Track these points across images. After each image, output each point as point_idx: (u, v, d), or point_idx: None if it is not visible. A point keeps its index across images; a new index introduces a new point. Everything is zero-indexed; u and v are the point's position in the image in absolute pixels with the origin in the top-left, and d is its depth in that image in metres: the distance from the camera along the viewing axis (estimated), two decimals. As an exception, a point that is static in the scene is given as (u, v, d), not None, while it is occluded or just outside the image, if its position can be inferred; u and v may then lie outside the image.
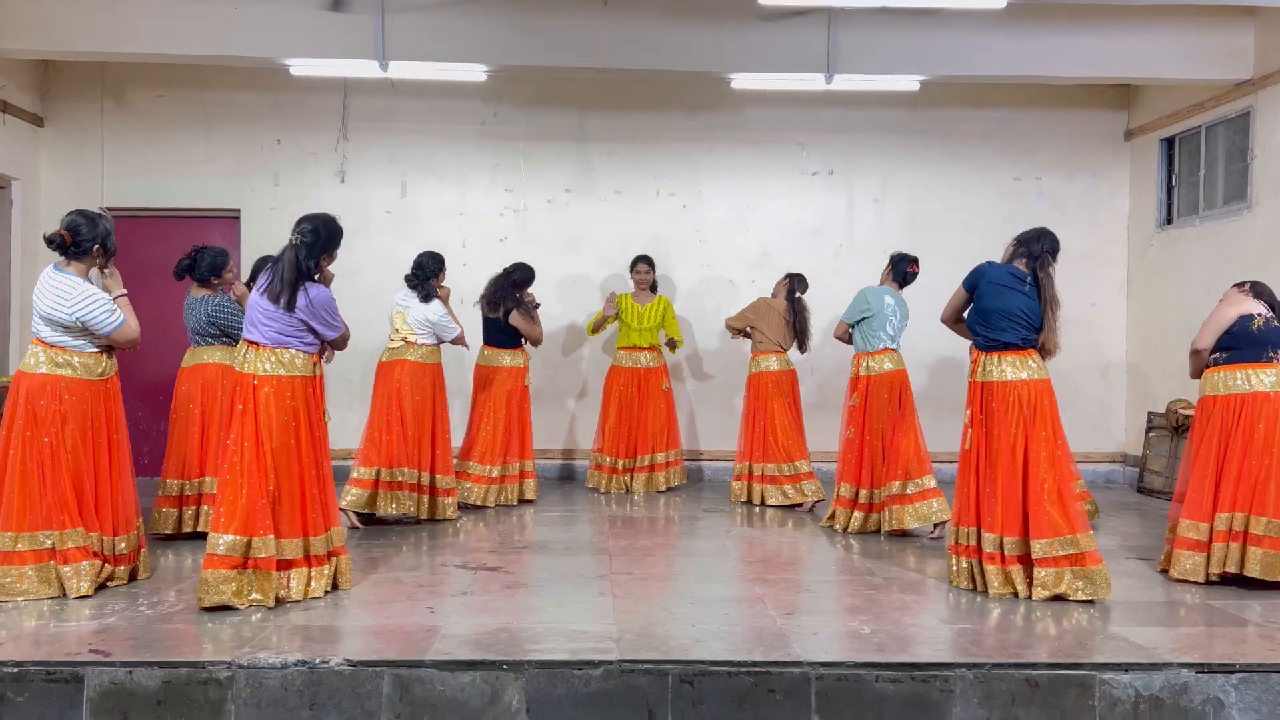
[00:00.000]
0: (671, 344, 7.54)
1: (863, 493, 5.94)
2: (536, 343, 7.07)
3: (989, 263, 4.73)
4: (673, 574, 4.95)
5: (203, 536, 4.60)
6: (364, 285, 7.83)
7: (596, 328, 7.60)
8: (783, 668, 3.43)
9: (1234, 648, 3.72)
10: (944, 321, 4.96)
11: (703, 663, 3.45)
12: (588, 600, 4.27)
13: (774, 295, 7.19)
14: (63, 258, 4.34)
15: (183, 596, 4.25)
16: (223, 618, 3.93)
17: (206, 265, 5.82)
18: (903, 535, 5.85)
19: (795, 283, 7.09)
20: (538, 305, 7.11)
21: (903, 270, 6.18)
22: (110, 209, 8.23)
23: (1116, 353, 8.58)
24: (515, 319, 6.85)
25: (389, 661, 3.41)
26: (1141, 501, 7.57)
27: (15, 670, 3.34)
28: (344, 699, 3.36)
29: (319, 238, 4.26)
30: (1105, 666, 3.50)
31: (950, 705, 3.45)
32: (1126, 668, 3.50)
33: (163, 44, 6.95)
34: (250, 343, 4.21)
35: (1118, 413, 8.59)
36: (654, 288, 7.63)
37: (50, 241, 4.33)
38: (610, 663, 3.42)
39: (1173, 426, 7.64)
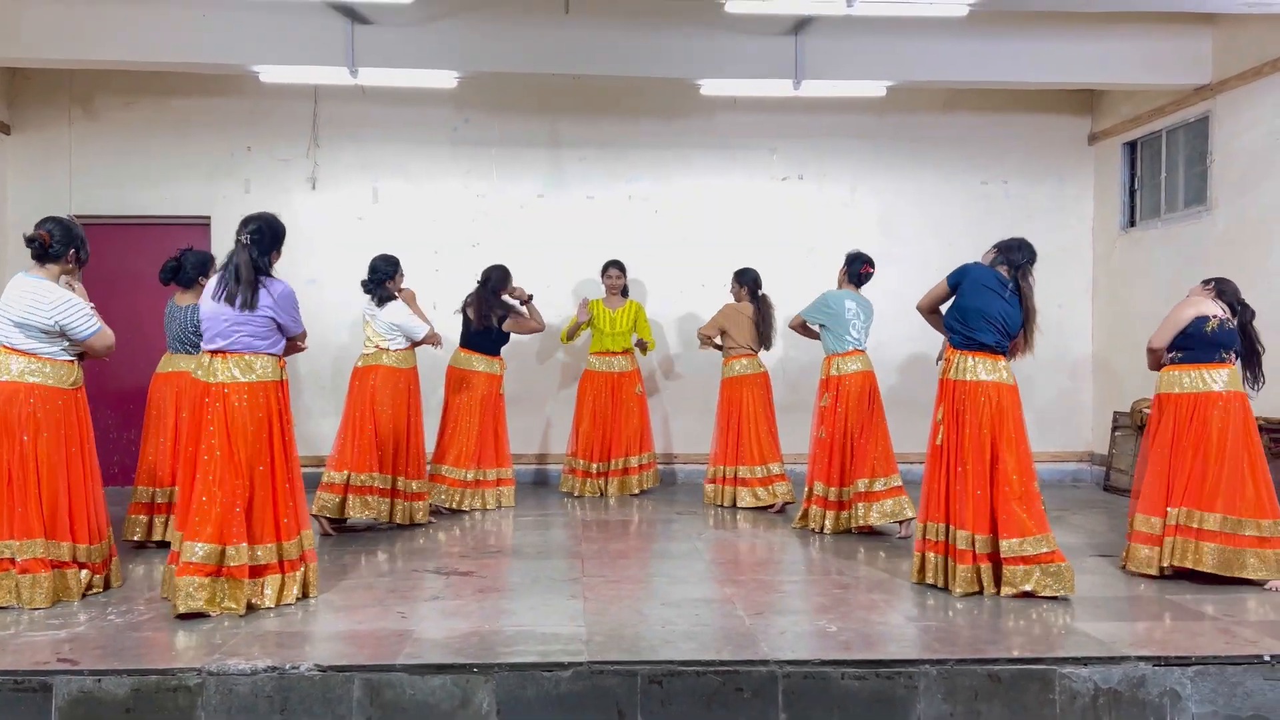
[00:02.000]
0: (643, 346, 7.58)
1: (832, 490, 6.02)
2: (541, 329, 7.25)
3: (975, 263, 4.82)
4: (645, 576, 4.99)
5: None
6: (335, 290, 7.84)
7: (571, 334, 7.63)
8: (750, 666, 3.48)
9: (1190, 641, 3.81)
10: (919, 309, 5.04)
11: (671, 663, 3.49)
12: (559, 603, 4.30)
13: (735, 299, 7.24)
14: (36, 263, 4.34)
15: (153, 605, 4.24)
16: (194, 625, 3.93)
17: (191, 268, 5.79)
18: (872, 533, 5.93)
19: (751, 281, 7.15)
20: (530, 296, 7.13)
21: (857, 271, 6.25)
22: (79, 216, 8.07)
23: (1083, 353, 8.72)
24: (510, 325, 6.91)
25: (359, 666, 3.43)
26: (1108, 500, 7.68)
27: (-18, 681, 3.33)
28: (315, 704, 3.38)
29: (264, 235, 4.26)
30: (1065, 661, 3.57)
31: (915, 701, 3.51)
32: (1086, 662, 3.57)
33: (132, 51, 6.93)
34: (215, 352, 4.20)
35: (1085, 412, 8.72)
36: (625, 292, 7.68)
37: (31, 241, 4.33)
38: (580, 664, 3.46)
39: (1137, 425, 7.76)
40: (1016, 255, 4.72)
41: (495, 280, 6.95)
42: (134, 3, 6.74)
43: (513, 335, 7.11)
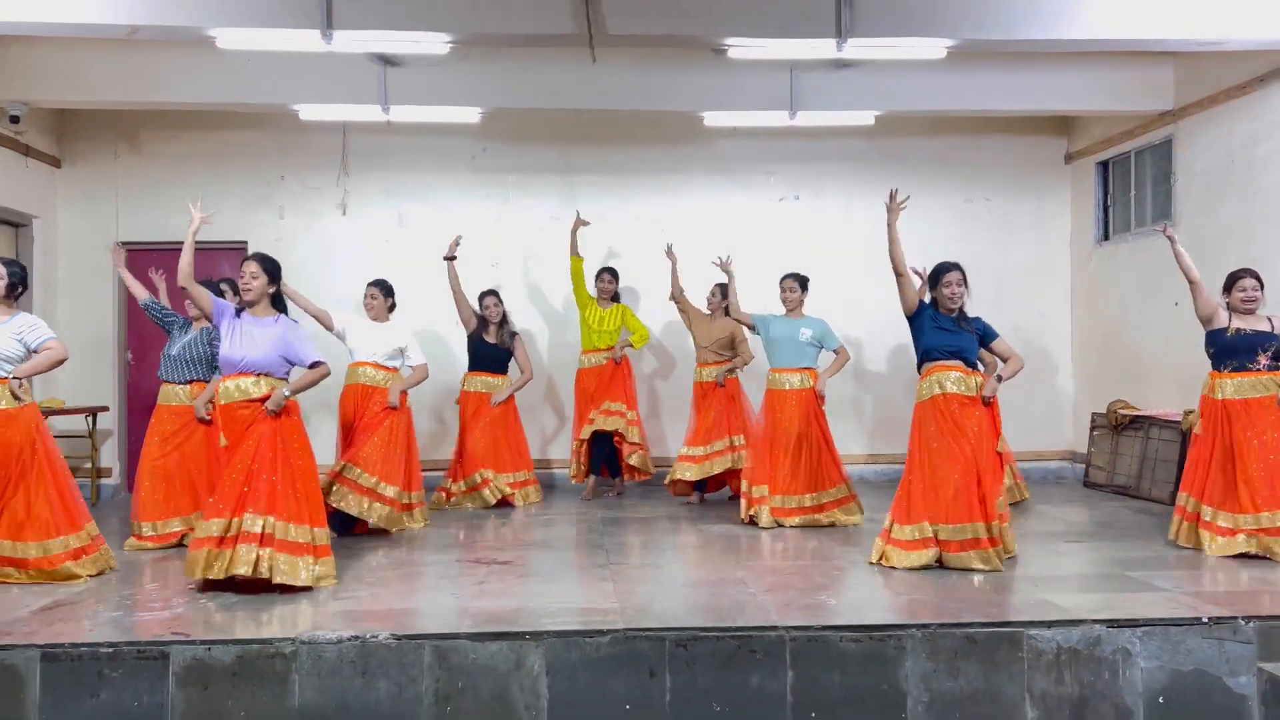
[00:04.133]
0: (631, 344, 8.04)
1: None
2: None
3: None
4: (664, 563, 5.57)
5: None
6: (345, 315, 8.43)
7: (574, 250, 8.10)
8: (761, 632, 4.07)
9: (1141, 607, 4.40)
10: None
11: (695, 629, 4.08)
12: (593, 584, 4.90)
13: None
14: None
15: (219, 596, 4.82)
16: (273, 604, 4.51)
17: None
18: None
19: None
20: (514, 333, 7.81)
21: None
22: (125, 243, 8.76)
23: (1063, 358, 9.32)
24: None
25: (428, 635, 4.02)
26: (1087, 495, 8.27)
27: (110, 651, 3.91)
28: (391, 667, 3.96)
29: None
30: (1031, 624, 4.16)
31: (903, 659, 4.09)
32: (1049, 624, 4.16)
33: (180, 93, 7.56)
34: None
35: (1066, 413, 9.32)
36: (615, 298, 8.17)
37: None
38: (616, 631, 4.05)
39: (1112, 425, 8.37)
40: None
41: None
42: (181, 50, 7.29)
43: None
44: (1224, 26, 6.13)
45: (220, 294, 6.09)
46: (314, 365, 4.97)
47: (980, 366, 5.64)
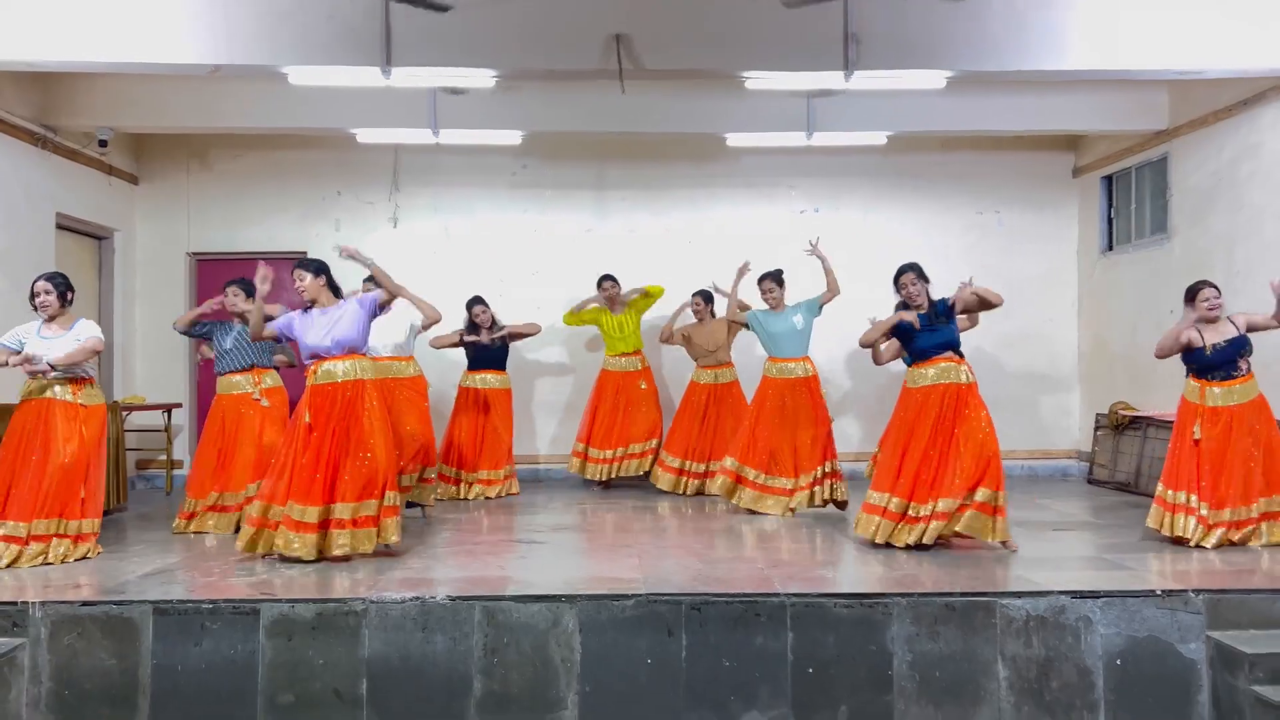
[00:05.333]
0: (648, 294, 8.73)
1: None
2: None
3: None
4: (684, 544, 6.21)
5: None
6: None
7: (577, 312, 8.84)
8: (765, 597, 4.69)
9: (1103, 581, 4.97)
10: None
11: (707, 594, 4.71)
12: (621, 560, 5.55)
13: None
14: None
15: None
16: (345, 570, 5.20)
17: None
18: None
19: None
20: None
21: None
22: (195, 253, 9.62)
23: (1070, 362, 9.83)
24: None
25: (479, 596, 4.68)
26: (1090, 490, 8.78)
27: (211, 607, 4.62)
28: (446, 624, 4.63)
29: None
30: (1004, 594, 4.75)
31: (890, 624, 4.69)
32: (1019, 594, 4.74)
33: (248, 118, 8.32)
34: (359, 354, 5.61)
35: (1073, 415, 9.82)
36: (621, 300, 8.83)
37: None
38: (640, 595, 4.69)
39: (1113, 425, 8.88)
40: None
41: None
42: (249, 80, 8.01)
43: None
44: (1202, 57, 6.65)
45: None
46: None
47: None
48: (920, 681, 4.66)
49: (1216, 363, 5.97)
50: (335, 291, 5.77)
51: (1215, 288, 6.05)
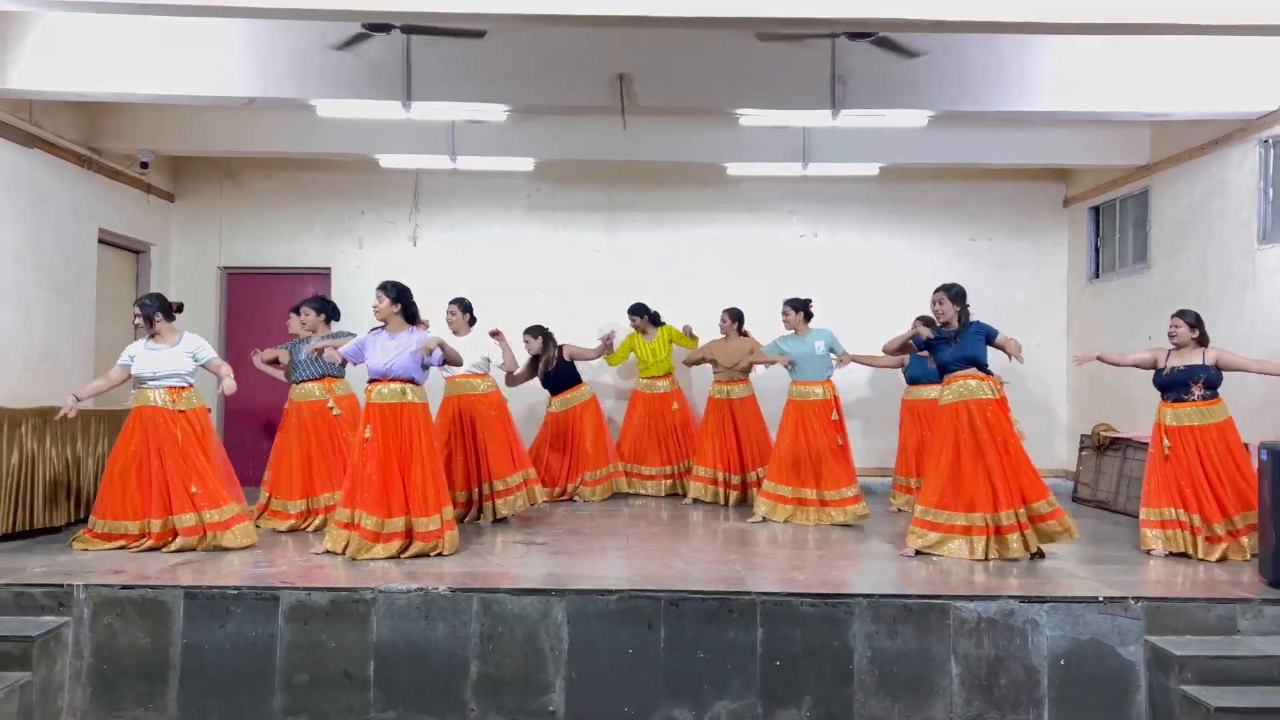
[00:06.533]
0: (689, 332, 9.27)
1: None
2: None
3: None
4: (672, 548, 6.66)
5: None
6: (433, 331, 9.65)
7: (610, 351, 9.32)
8: (738, 595, 5.14)
9: (1050, 587, 5.38)
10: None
11: (684, 592, 5.16)
12: (610, 560, 6.02)
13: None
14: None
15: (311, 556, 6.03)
16: (358, 565, 5.69)
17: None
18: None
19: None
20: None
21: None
22: (225, 267, 10.19)
23: (1058, 385, 10.21)
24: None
25: (477, 589, 5.16)
26: (1073, 509, 9.09)
27: (235, 592, 5.12)
28: (447, 613, 5.10)
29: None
30: (957, 598, 5.16)
31: (851, 622, 5.12)
32: (971, 598, 5.16)
33: (279, 144, 8.89)
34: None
35: (1061, 435, 10.20)
36: (656, 320, 9.32)
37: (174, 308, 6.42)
38: (623, 591, 5.14)
39: (1095, 446, 9.25)
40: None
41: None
42: (280, 111, 8.54)
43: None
44: (1170, 101, 7.08)
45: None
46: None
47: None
48: (879, 676, 5.08)
49: (1169, 383, 6.46)
50: (410, 318, 6.28)
51: (1182, 317, 6.49)
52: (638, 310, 9.32)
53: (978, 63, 7.10)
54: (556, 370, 8.76)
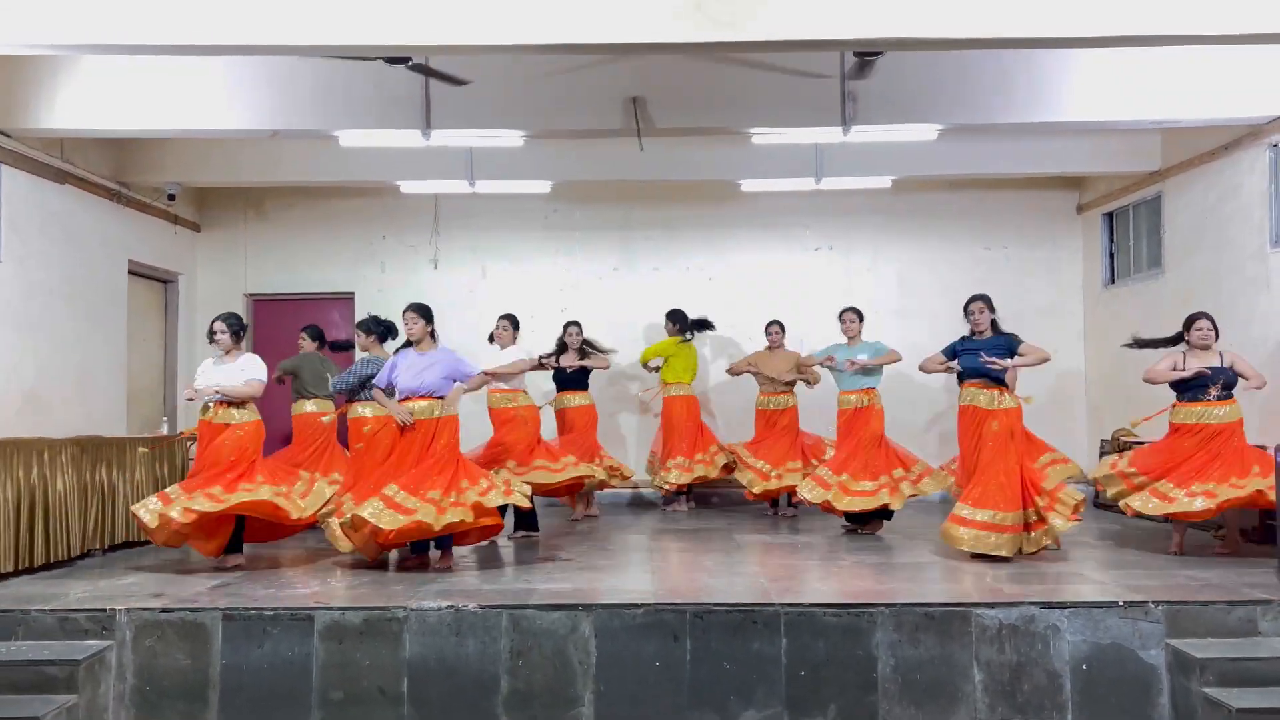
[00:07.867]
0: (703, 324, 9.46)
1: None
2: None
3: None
4: (697, 561, 6.76)
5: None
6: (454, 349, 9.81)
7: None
8: (762, 607, 5.23)
9: (1070, 592, 5.45)
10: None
11: (709, 604, 5.26)
12: (637, 573, 6.14)
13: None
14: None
15: (352, 575, 6.17)
16: (389, 583, 5.83)
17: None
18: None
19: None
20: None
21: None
22: (251, 294, 10.40)
23: (1077, 391, 10.24)
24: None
25: (506, 605, 5.27)
26: (1094, 514, 9.15)
27: (272, 614, 5.26)
28: (478, 629, 5.22)
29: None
30: (978, 605, 5.24)
31: (874, 631, 5.20)
32: (993, 605, 5.23)
33: (302, 173, 9.10)
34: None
35: (1080, 439, 10.20)
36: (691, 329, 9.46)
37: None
38: (648, 605, 5.25)
39: (1115, 451, 9.26)
40: None
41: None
42: (303, 141, 8.76)
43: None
44: (1177, 108, 7.16)
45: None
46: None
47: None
48: (903, 684, 5.15)
49: (1189, 384, 6.62)
50: (433, 336, 6.57)
51: (1209, 318, 6.66)
52: (672, 318, 9.42)
53: (987, 77, 7.20)
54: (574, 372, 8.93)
